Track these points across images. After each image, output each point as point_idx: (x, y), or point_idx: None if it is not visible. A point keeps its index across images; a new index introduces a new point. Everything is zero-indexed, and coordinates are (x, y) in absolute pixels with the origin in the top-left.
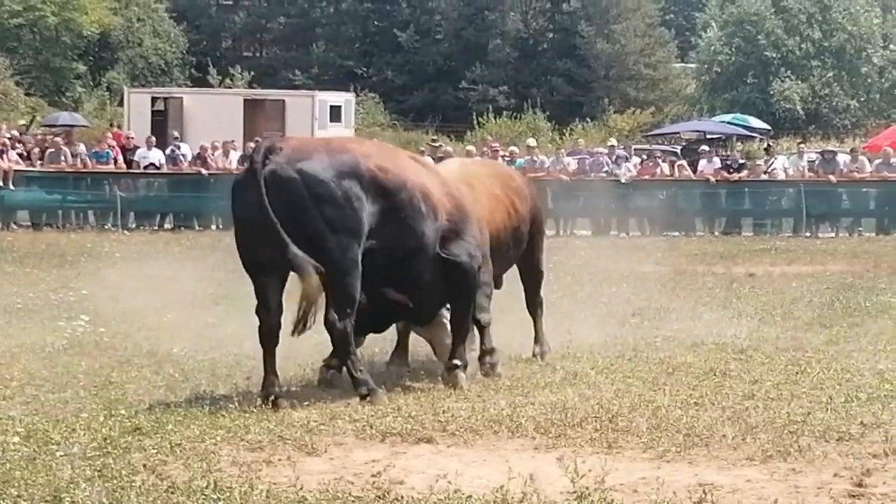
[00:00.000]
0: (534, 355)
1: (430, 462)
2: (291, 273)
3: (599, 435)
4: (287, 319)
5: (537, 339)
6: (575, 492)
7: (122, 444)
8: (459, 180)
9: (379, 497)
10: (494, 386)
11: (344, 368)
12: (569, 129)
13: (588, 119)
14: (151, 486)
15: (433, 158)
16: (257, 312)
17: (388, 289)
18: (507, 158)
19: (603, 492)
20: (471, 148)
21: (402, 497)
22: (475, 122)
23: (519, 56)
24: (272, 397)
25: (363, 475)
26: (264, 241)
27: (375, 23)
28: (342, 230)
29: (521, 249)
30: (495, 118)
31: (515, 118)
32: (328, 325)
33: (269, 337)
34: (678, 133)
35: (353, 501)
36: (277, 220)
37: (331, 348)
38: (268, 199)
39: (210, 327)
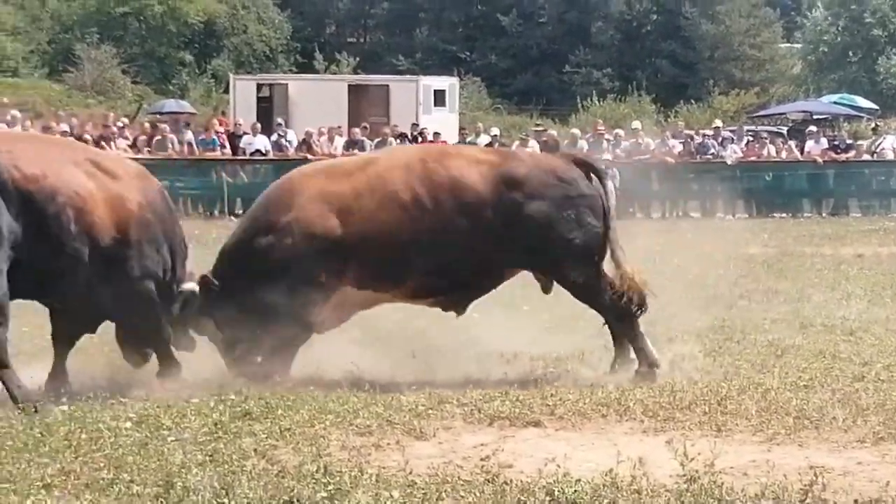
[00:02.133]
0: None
1: (538, 446)
2: None
3: (708, 418)
4: None
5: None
6: (684, 475)
7: (232, 429)
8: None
9: (488, 481)
10: (602, 369)
11: None
12: (673, 111)
13: (693, 101)
14: (262, 470)
15: (538, 143)
16: None
17: (46, 301)
18: (611, 141)
19: (713, 475)
20: (576, 131)
21: (511, 481)
22: (579, 105)
23: (622, 38)
24: None
25: (472, 459)
26: None
27: (478, 7)
28: None
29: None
30: (599, 101)
31: (620, 100)
32: None
33: None
34: (784, 114)
35: (462, 485)
36: None
37: None
38: None
39: None
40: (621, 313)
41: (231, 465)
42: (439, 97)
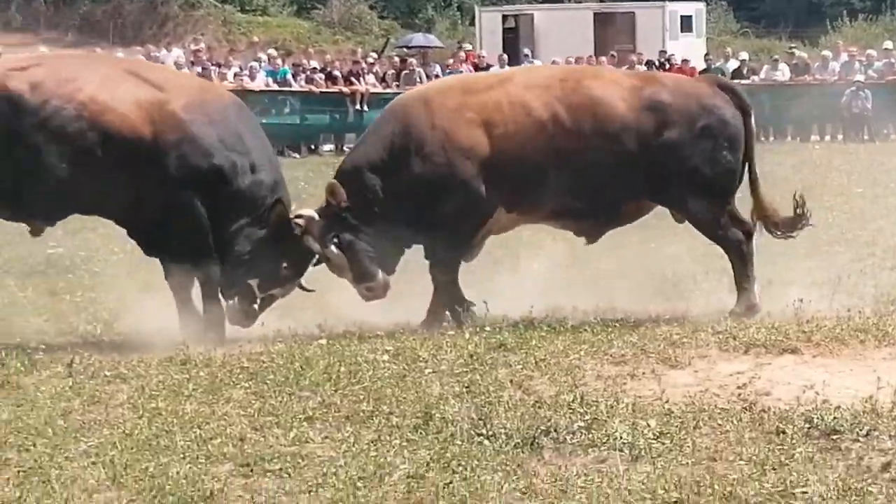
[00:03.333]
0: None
1: (795, 373)
2: None
3: None
4: None
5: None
6: None
7: (487, 361)
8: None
9: (745, 409)
10: (860, 294)
11: None
12: None
13: None
14: (519, 400)
15: (788, 66)
16: None
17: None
18: (863, 63)
19: None
20: (827, 53)
21: (769, 408)
22: (829, 26)
23: None
24: None
25: (728, 387)
26: None
27: None
28: None
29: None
30: (850, 21)
31: (871, 21)
32: None
33: None
34: None
35: (719, 413)
36: None
37: None
38: None
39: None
40: (736, 252)
41: (487, 395)
42: (686, 23)
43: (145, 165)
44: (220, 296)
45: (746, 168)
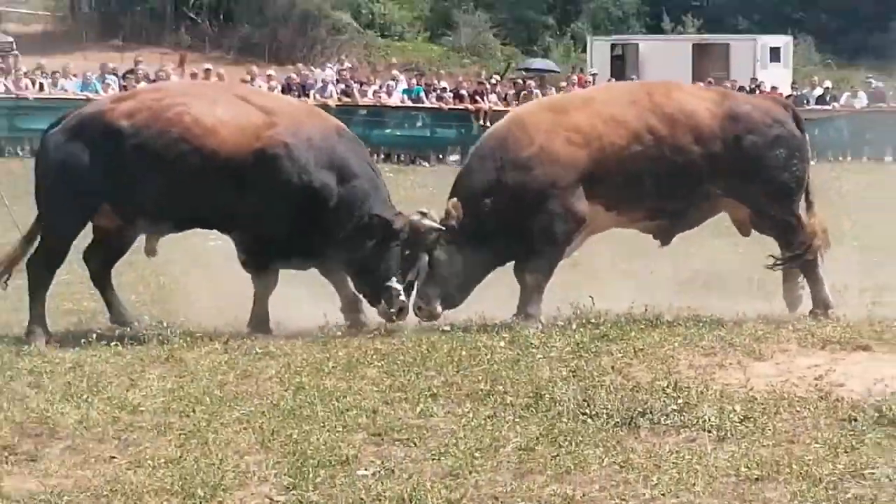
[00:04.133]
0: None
1: (867, 368)
2: None
3: None
4: None
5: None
6: None
7: (591, 349)
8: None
9: (821, 398)
10: None
11: None
12: None
13: None
14: (619, 385)
15: (866, 94)
16: None
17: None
18: None
19: None
20: None
21: (842, 398)
22: None
23: None
24: None
25: (806, 378)
26: None
27: None
28: None
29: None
30: None
31: None
32: None
33: None
34: None
35: (798, 401)
36: None
37: None
38: None
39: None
40: (806, 255)
41: (591, 380)
42: (775, 54)
43: (247, 181)
44: (267, 301)
45: None
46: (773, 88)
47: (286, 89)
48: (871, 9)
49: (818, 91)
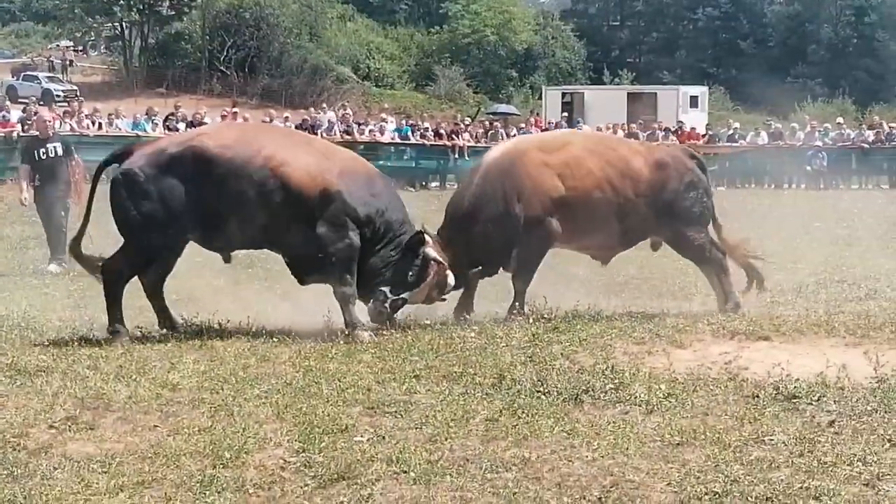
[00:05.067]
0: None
1: (767, 354)
2: None
3: (895, 336)
4: None
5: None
6: (876, 377)
7: (545, 339)
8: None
9: (730, 379)
10: (815, 299)
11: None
12: (868, 110)
13: (884, 102)
14: (567, 368)
15: (767, 134)
16: None
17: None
18: (821, 132)
19: None
20: (795, 125)
21: (747, 379)
22: (797, 106)
23: (831, 57)
24: None
25: (718, 363)
26: None
27: (723, 35)
28: None
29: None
30: (812, 103)
31: (828, 103)
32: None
33: None
34: None
35: (711, 381)
36: None
37: None
38: None
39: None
40: (720, 264)
41: (545, 364)
42: (694, 101)
43: (309, 211)
44: (352, 305)
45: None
46: (693, 129)
47: (298, 129)
48: (772, 65)
49: (729, 131)
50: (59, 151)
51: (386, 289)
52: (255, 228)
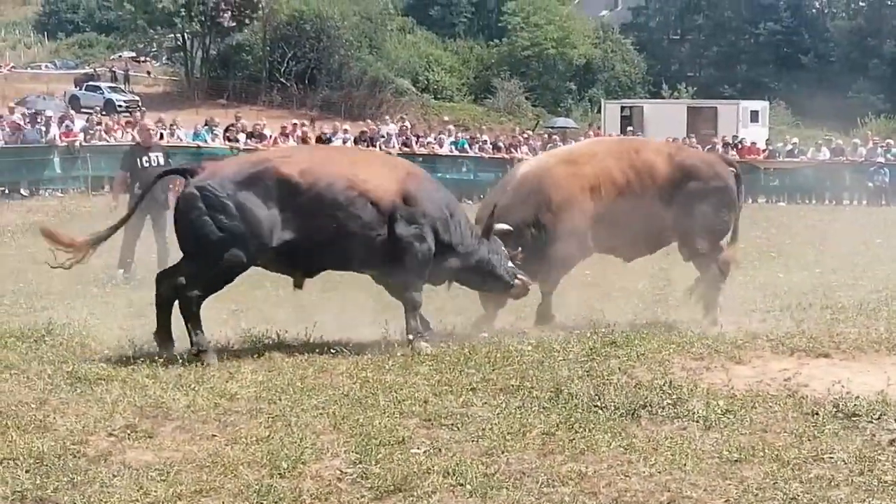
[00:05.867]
0: None
1: (827, 371)
2: None
3: None
4: None
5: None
6: None
7: (602, 353)
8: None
9: (789, 395)
10: (875, 316)
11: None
12: None
13: None
14: (624, 383)
15: (829, 150)
16: None
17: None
18: (883, 148)
19: None
20: (856, 140)
21: (807, 396)
22: (858, 121)
23: (893, 72)
24: None
25: (777, 379)
26: None
27: (785, 49)
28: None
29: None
30: (874, 119)
31: (889, 118)
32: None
33: None
34: None
35: (770, 398)
36: None
37: None
38: None
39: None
40: (716, 281)
41: (602, 378)
42: (754, 116)
43: (394, 224)
44: (417, 312)
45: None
46: (753, 143)
47: (357, 141)
48: (833, 80)
49: (789, 146)
50: (161, 161)
51: (511, 267)
52: (342, 250)
